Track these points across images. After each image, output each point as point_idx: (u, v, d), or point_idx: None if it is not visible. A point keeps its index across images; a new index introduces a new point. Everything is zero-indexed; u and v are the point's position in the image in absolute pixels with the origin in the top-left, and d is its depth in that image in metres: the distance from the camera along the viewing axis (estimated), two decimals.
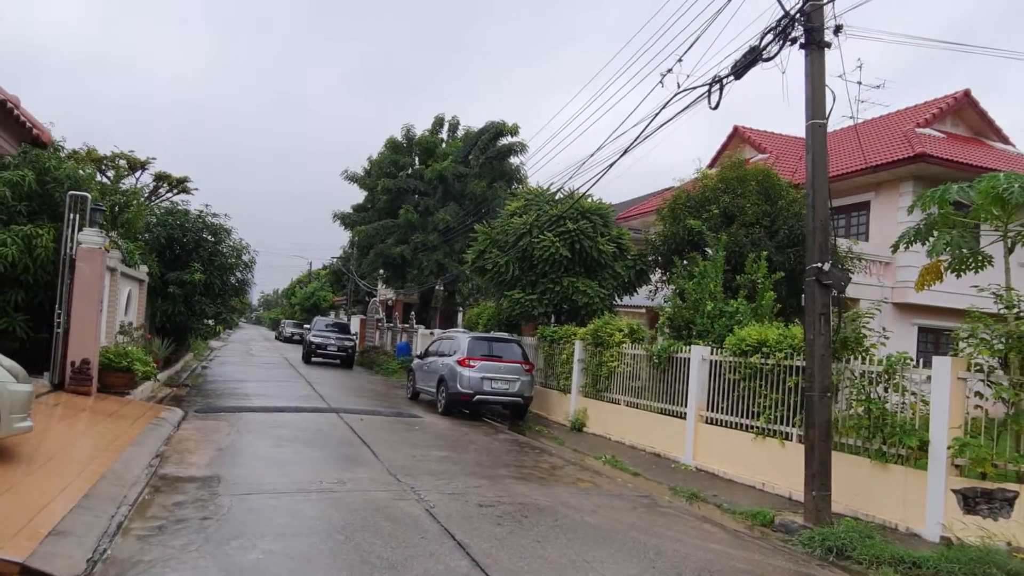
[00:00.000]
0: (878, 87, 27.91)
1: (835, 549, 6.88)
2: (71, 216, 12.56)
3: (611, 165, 11.92)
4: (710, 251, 16.53)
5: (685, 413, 11.53)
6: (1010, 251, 8.35)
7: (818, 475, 7.78)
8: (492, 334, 16.79)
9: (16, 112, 8.30)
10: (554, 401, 16.34)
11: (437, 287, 29.02)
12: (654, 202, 28.35)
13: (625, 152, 11.13)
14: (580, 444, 12.85)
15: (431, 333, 26.61)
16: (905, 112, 22.97)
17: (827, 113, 8.25)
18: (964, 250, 8.27)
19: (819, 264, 8.02)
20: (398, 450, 10.43)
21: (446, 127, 33.66)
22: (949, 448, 7.20)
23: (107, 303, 13.77)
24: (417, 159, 32.54)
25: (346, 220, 33.32)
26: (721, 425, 10.80)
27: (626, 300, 19.19)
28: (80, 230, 12.54)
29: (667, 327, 12.92)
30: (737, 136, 26.08)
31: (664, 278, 18.33)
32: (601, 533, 6.79)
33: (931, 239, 8.37)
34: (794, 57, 9.59)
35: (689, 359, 11.56)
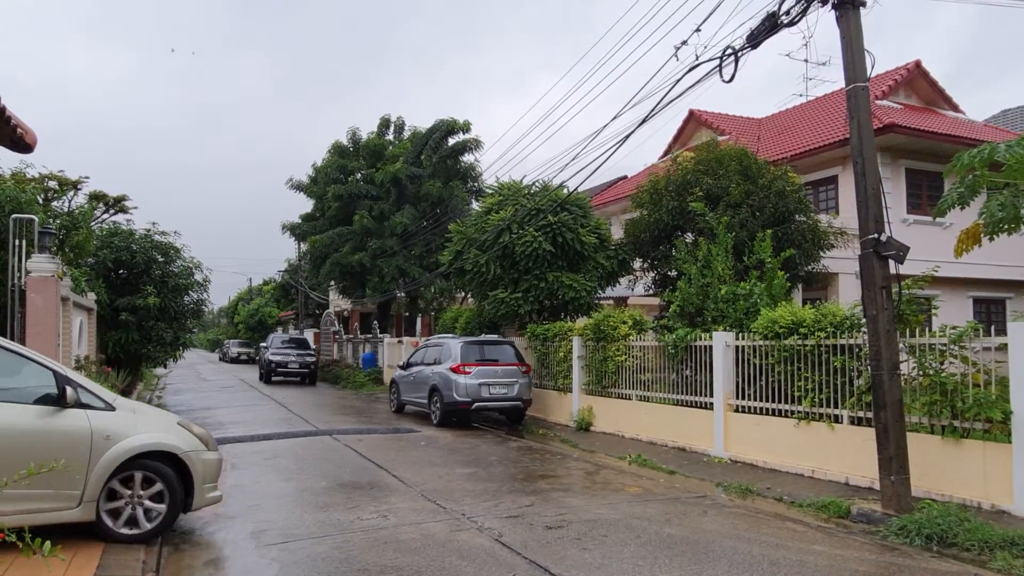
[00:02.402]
0: (824, 64, 28.32)
1: (935, 537, 6.40)
2: (16, 242, 11.18)
3: (626, 138, 11.24)
4: (690, 235, 16.19)
5: (711, 403, 11.00)
6: None
7: (895, 458, 7.30)
8: (483, 337, 15.98)
9: (1, 104, 6.93)
10: (552, 402, 15.65)
11: (399, 294, 27.94)
12: (615, 191, 28.02)
13: (643, 122, 10.52)
14: (595, 445, 12.21)
15: (399, 342, 25.58)
16: None
17: (868, 75, 7.81)
18: (1013, 210, 7.93)
19: (875, 235, 7.58)
20: (419, 471, 9.55)
21: (392, 128, 32.51)
22: None
23: (62, 336, 12.37)
24: (365, 163, 31.31)
25: (295, 231, 31.83)
26: (754, 413, 10.32)
27: (598, 292, 18.67)
28: (28, 257, 11.17)
29: (677, 315, 12.36)
30: (694, 120, 25.90)
31: (645, 266, 17.88)
32: (695, 547, 6.13)
33: (989, 201, 8.00)
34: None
35: (711, 346, 11.04)
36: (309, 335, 38.99)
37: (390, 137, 32.25)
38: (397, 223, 27.70)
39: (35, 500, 5.51)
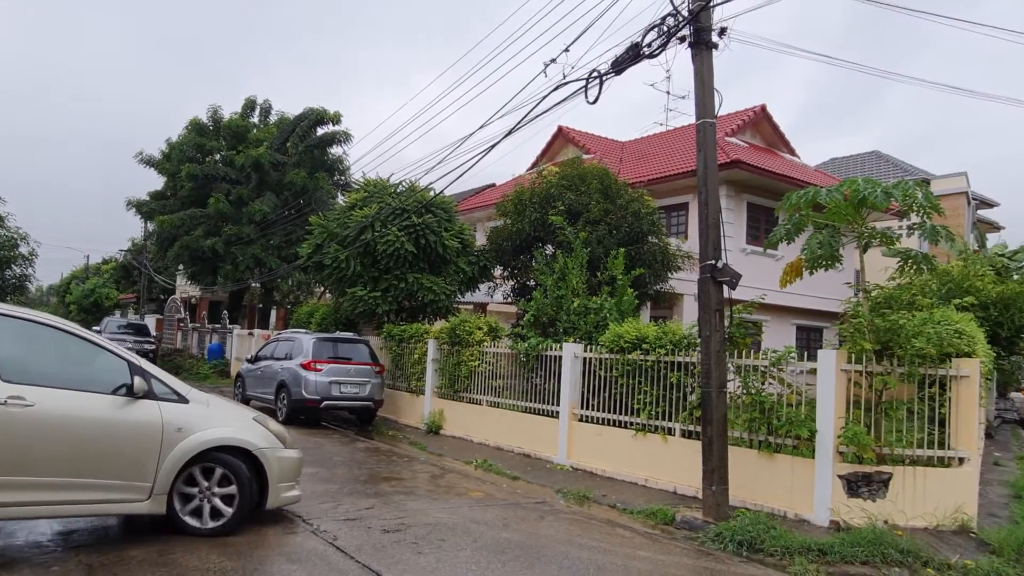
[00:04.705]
0: (683, 98, 30.11)
1: (745, 543, 6.97)
2: None
3: (491, 147, 11.46)
4: (549, 247, 16.68)
5: (557, 412, 11.36)
6: (864, 250, 9.05)
7: (717, 469, 7.88)
8: (338, 334, 15.62)
9: None
10: (404, 403, 15.56)
11: (254, 284, 26.73)
12: (482, 197, 28.30)
13: (509, 133, 10.76)
14: (443, 448, 12.26)
15: (250, 334, 24.47)
16: None
17: (716, 112, 8.41)
18: (830, 248, 8.81)
19: (713, 261, 8.15)
20: None
21: (258, 111, 31.10)
22: (839, 437, 7.61)
23: None
24: (225, 144, 29.69)
25: (142, 208, 29.59)
26: (597, 423, 10.76)
27: (458, 297, 18.80)
28: None
29: (531, 324, 12.67)
30: (562, 136, 26.69)
31: (505, 274, 18.20)
32: (528, 551, 6.31)
33: (810, 239, 8.82)
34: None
35: (561, 356, 11.41)
36: (151, 321, 36.39)
37: (255, 120, 30.83)
38: (256, 210, 26.52)
39: (106, 491, 5.47)
